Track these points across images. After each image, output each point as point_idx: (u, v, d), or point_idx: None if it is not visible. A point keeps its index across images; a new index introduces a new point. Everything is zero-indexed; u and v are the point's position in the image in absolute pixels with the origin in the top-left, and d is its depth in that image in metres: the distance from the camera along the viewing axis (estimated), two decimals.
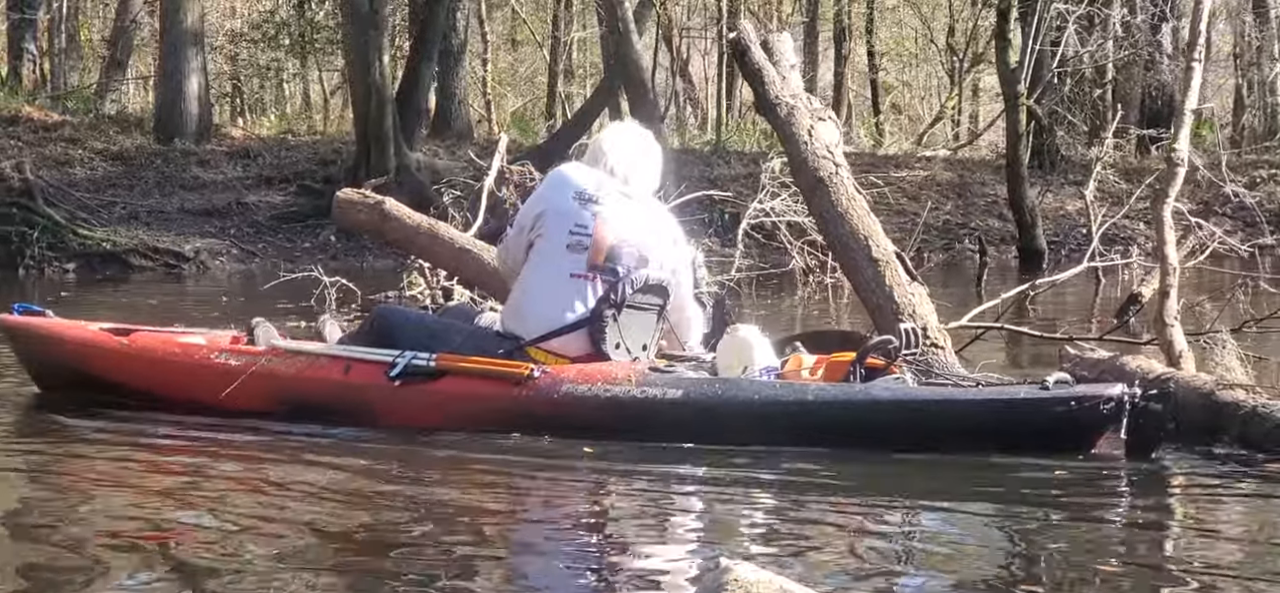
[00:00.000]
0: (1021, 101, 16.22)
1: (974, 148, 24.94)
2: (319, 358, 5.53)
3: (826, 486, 4.54)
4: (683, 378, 5.13)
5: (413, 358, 5.28)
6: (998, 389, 5.03)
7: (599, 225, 5.30)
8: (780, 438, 4.85)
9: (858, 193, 6.52)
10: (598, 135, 5.73)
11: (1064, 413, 4.69)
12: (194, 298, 12.64)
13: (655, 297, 5.39)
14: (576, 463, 4.79)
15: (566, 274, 5.28)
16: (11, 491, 4.51)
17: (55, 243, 15.14)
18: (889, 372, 5.09)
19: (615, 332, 5.26)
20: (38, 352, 6.18)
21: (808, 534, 3.93)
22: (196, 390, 5.62)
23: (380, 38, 17.18)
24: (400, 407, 5.25)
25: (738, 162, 19.65)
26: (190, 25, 18.96)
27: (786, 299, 11.20)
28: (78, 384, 5.91)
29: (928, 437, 4.75)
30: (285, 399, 5.46)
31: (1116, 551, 3.79)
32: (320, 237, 15.94)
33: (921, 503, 4.31)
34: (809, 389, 4.99)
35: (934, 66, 31.40)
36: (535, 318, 5.29)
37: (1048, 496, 4.39)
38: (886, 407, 4.87)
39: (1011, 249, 17.26)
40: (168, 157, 18.28)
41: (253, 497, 4.34)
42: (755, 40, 6.92)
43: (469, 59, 25.34)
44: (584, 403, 5.05)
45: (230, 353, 5.70)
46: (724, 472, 4.65)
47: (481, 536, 3.90)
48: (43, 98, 21.16)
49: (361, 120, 17.42)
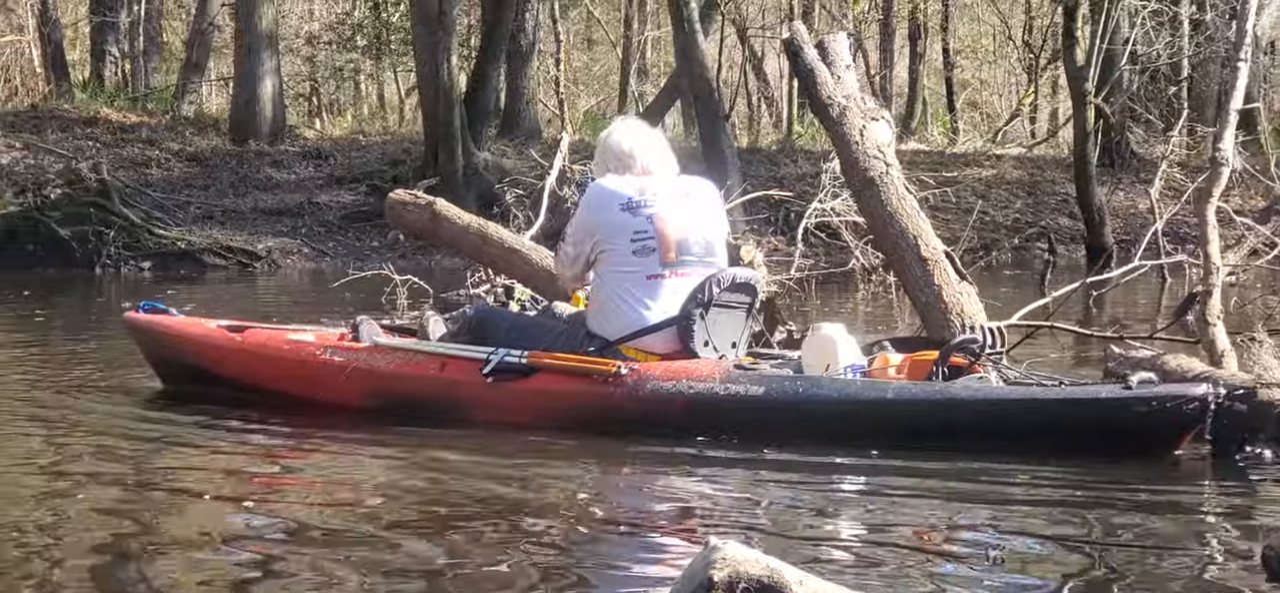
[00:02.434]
0: (1089, 99, 16.08)
1: (1052, 144, 24.70)
2: (416, 355, 5.67)
3: (846, 483, 4.60)
4: (766, 376, 5.17)
5: (505, 355, 5.38)
6: (1082, 389, 5.01)
7: (660, 224, 5.37)
8: (863, 437, 4.85)
9: (908, 192, 6.54)
10: (606, 143, 5.67)
11: (1147, 413, 4.66)
12: (265, 296, 12.84)
13: (743, 295, 5.46)
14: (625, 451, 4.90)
15: (643, 277, 5.35)
16: (124, 470, 4.73)
17: (131, 242, 15.43)
18: (972, 371, 5.09)
19: (703, 330, 5.32)
20: (159, 348, 6.41)
21: (825, 528, 3.98)
22: (301, 385, 5.83)
23: (448, 39, 17.31)
24: (492, 403, 5.35)
25: (804, 161, 19.62)
26: (265, 28, 19.24)
27: (848, 300, 11.19)
28: (196, 379, 6.14)
29: (1011, 436, 4.73)
30: (384, 395, 5.62)
31: (1163, 552, 3.77)
32: (389, 235, 16.09)
33: (963, 504, 4.30)
34: (890, 387, 5.00)
35: (1012, 63, 31.14)
36: (619, 319, 5.37)
37: (1072, 494, 4.38)
38: (969, 405, 4.86)
39: (1082, 248, 17.12)
40: (242, 157, 18.57)
41: (334, 490, 4.50)
42: (808, 41, 6.94)
43: (541, 59, 25.47)
44: (670, 400, 5.12)
45: (337, 349, 5.87)
46: (751, 467, 4.72)
47: (511, 524, 3.98)
48: (122, 100, 21.52)
49: (430, 121, 17.59)
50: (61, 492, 4.37)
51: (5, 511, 4.11)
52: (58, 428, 5.60)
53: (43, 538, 3.79)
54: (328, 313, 9.13)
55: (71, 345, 8.63)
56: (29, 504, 4.19)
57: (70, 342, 8.91)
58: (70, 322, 10.57)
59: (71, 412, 5.92)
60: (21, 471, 4.77)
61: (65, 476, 4.66)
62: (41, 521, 4.00)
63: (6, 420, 5.71)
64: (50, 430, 5.58)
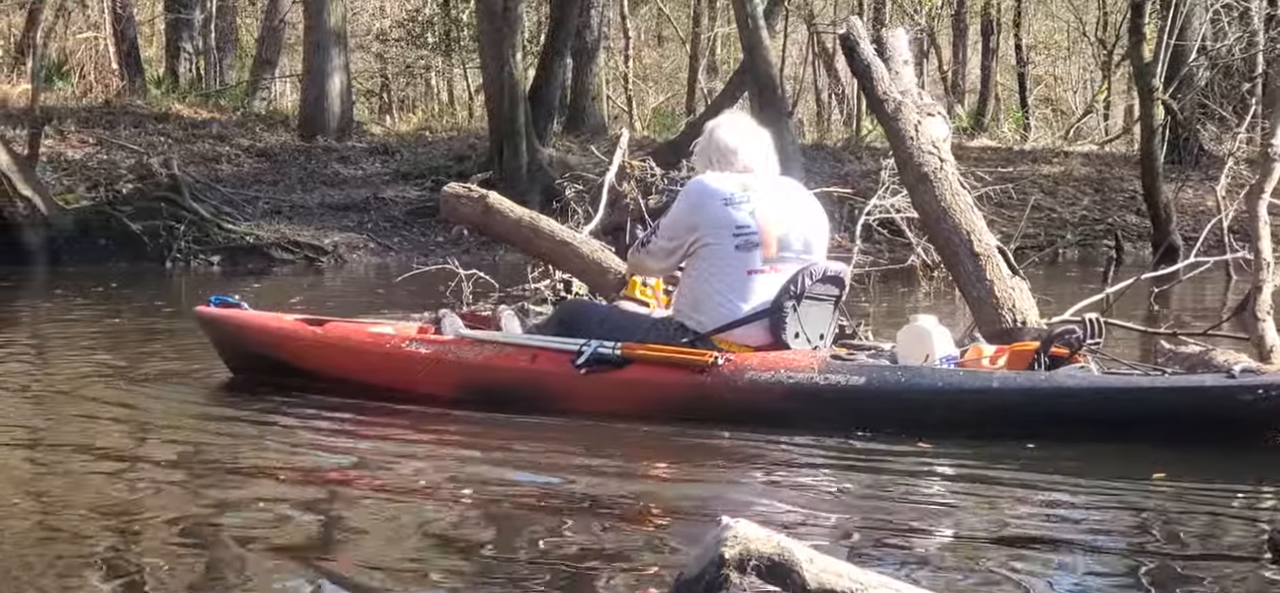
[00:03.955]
0: (1156, 96, 15.94)
1: (1126, 141, 24.48)
2: (506, 347, 5.71)
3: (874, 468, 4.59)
4: (865, 365, 5.18)
5: (598, 346, 5.40)
6: (1185, 377, 5.02)
7: (762, 221, 5.38)
8: (966, 426, 4.87)
9: (962, 188, 6.53)
10: (711, 137, 5.67)
11: (1251, 401, 4.66)
12: (331, 289, 12.99)
13: (833, 287, 5.48)
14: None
15: (743, 272, 5.36)
16: (199, 457, 4.82)
17: (201, 237, 15.62)
18: (1073, 361, 5.09)
19: (795, 321, 5.34)
20: (233, 340, 6.49)
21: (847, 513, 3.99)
22: (387, 377, 5.88)
23: (513, 35, 17.41)
24: (585, 395, 5.38)
25: (870, 158, 19.56)
26: (334, 26, 19.44)
27: (910, 297, 11.16)
28: (271, 370, 6.22)
29: (1116, 425, 4.75)
30: (474, 386, 5.64)
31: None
32: (453, 231, 16.18)
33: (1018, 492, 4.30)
34: (994, 377, 5.01)
35: (1088, 59, 30.90)
36: (714, 312, 5.38)
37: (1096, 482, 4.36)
38: (1075, 394, 4.86)
39: (1150, 245, 16.97)
40: (310, 153, 18.77)
41: (419, 484, 4.52)
42: (864, 36, 6.94)
43: (610, 56, 25.56)
44: (768, 391, 5.13)
45: (419, 342, 5.92)
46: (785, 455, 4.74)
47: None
48: (194, 96, 21.82)
49: (494, 117, 17.68)
50: (138, 480, 4.44)
51: (79, 497, 4.20)
52: (136, 416, 5.68)
53: (119, 524, 3.85)
54: (396, 307, 9.25)
55: (147, 337, 8.78)
56: (105, 491, 4.27)
57: (145, 333, 9.05)
58: (147, 314, 10.71)
59: (148, 401, 6.02)
60: (97, 457, 4.84)
61: (142, 462, 4.75)
62: (119, 505, 4.07)
63: (85, 411, 5.79)
64: (129, 419, 5.65)
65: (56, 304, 11.28)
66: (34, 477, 4.51)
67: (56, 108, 18.76)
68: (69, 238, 15.27)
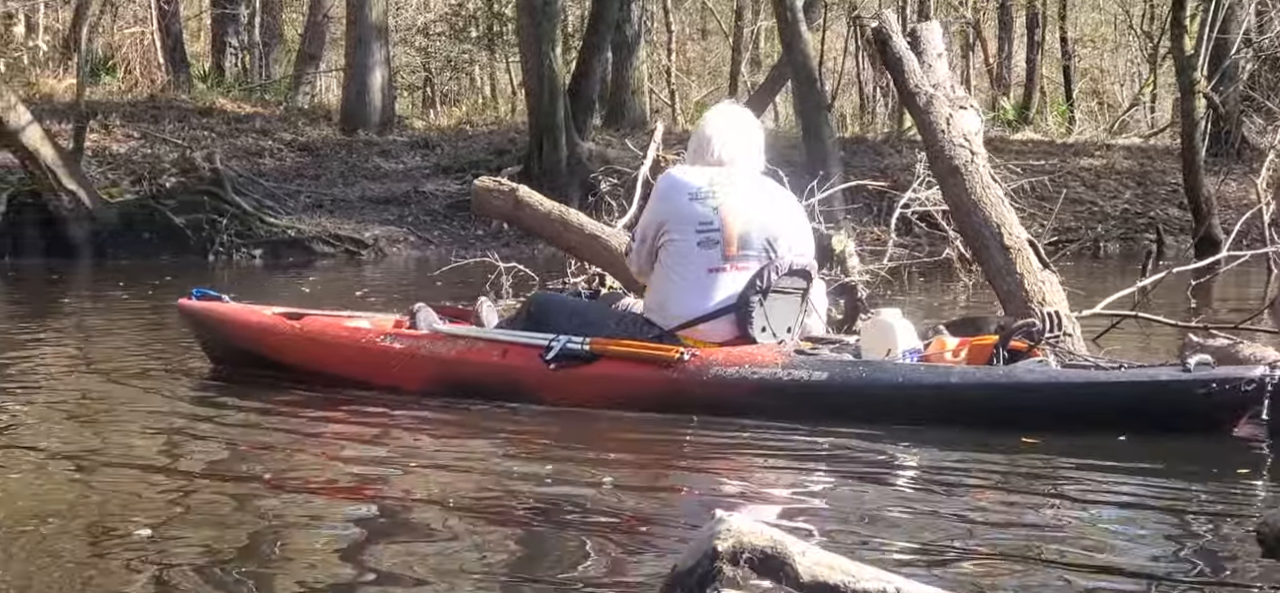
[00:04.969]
0: (1198, 88, 15.82)
1: (1172, 134, 24.29)
2: (477, 342, 5.77)
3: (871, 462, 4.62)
4: (828, 360, 5.24)
5: (567, 342, 5.47)
6: (1140, 371, 5.04)
7: (724, 216, 5.40)
8: (925, 419, 4.93)
9: (992, 181, 6.51)
10: (699, 126, 5.77)
11: (1205, 395, 4.72)
12: (371, 282, 13.05)
13: (799, 280, 5.51)
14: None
15: (704, 269, 5.40)
16: (190, 452, 4.87)
17: (243, 230, 15.77)
18: (1031, 355, 5.14)
19: (762, 316, 5.38)
20: (214, 333, 6.57)
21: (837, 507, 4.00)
22: (362, 370, 5.94)
23: (552, 29, 17.43)
24: (554, 389, 5.45)
25: (909, 151, 19.48)
26: (375, 20, 19.52)
27: (948, 291, 11.13)
28: (251, 363, 6.29)
29: (1072, 418, 4.80)
30: (447, 380, 5.71)
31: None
32: (493, 224, 16.27)
33: (993, 485, 4.31)
34: (953, 371, 5.06)
35: (1134, 53, 30.68)
36: (677, 307, 5.43)
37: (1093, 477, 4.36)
38: (1031, 389, 4.92)
39: (1190, 239, 16.85)
40: (351, 147, 18.87)
41: (403, 470, 4.59)
42: (897, 30, 6.93)
43: (653, 50, 25.55)
44: (734, 385, 5.19)
45: (393, 336, 5.99)
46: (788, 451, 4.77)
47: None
48: (238, 91, 21.98)
49: (534, 111, 17.72)
50: (171, 485, 4.45)
51: (98, 487, 4.26)
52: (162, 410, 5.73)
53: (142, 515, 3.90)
54: (442, 296, 9.28)
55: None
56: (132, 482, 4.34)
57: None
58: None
59: (171, 396, 6.07)
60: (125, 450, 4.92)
61: (177, 471, 4.75)
62: (144, 500, 4.12)
63: (113, 404, 5.86)
64: (161, 408, 5.73)
65: (107, 301, 11.27)
66: (78, 468, 4.57)
67: (102, 102, 18.96)
68: (113, 231, 15.43)
